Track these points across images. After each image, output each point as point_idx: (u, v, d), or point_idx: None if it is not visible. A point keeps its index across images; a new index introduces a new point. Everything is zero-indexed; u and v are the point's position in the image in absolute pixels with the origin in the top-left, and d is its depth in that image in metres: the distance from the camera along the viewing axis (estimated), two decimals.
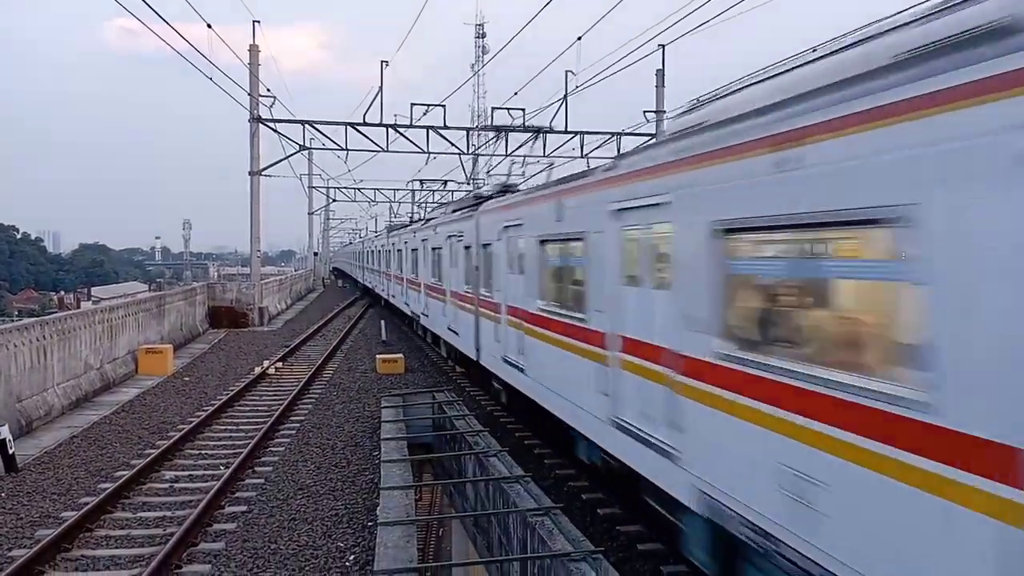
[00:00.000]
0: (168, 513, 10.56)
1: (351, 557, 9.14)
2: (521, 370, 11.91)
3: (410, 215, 60.35)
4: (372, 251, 48.86)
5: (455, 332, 17.95)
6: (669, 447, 6.67)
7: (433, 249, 21.20)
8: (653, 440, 7.00)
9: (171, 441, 13.87)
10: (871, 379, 4.40)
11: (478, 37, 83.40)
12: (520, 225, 11.99)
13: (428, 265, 22.34)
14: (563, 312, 9.92)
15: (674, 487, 6.59)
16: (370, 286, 50.37)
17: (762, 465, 5.29)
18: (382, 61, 31.09)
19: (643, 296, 7.43)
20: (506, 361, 12.87)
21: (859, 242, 4.89)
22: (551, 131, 32.12)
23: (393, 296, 34.24)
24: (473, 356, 15.91)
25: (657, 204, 6.99)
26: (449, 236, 18.51)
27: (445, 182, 46.27)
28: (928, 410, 3.92)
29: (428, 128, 32.04)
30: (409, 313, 28.30)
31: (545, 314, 10.62)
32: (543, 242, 10.90)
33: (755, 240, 5.78)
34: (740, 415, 5.58)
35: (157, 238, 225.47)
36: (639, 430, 7.37)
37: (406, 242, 28.46)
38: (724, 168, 5.84)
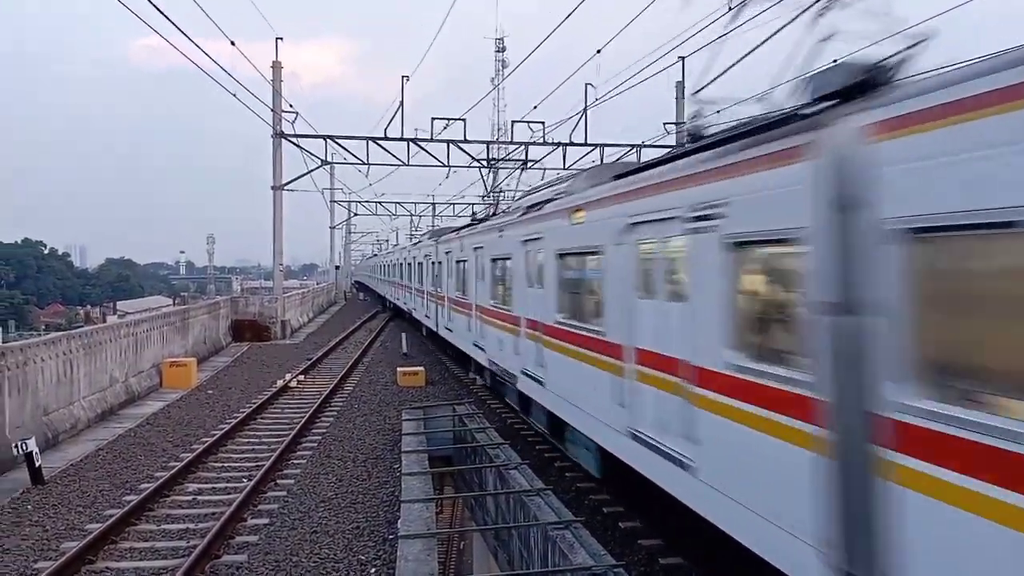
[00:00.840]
0: (191, 525, 10.63)
1: (372, 570, 9.16)
2: None
3: (430, 226, 60.35)
4: (406, 263, 36.90)
5: (662, 452, 7.56)
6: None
7: (562, 256, 11.03)
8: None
9: (195, 454, 13.98)
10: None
11: (498, 51, 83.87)
12: None
13: (549, 288, 11.50)
14: None
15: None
16: (405, 307, 39.06)
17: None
18: (403, 76, 31.37)
19: None
20: None
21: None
22: (571, 144, 32.24)
23: (448, 328, 22.86)
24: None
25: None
26: (635, 224, 8.31)
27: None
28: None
29: (448, 142, 32.23)
30: (486, 363, 16.81)
31: None
32: None
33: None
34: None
35: (182, 252, 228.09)
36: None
37: (478, 248, 17.62)
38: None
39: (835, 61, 5.97)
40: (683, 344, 7.06)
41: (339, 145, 33.14)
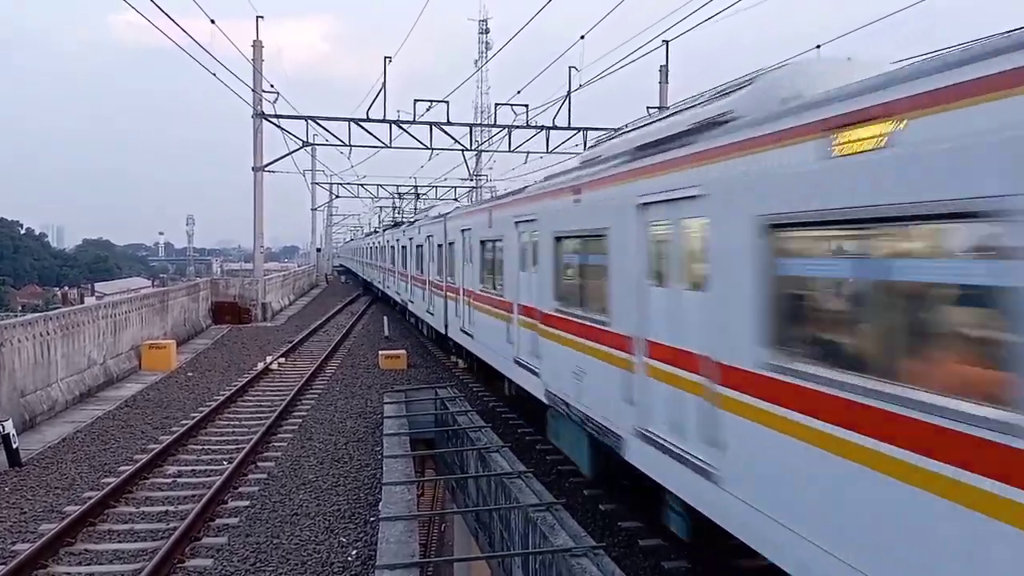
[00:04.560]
0: (171, 508, 10.59)
1: (353, 552, 9.18)
2: None
3: (412, 210, 59.88)
4: (439, 245, 20.89)
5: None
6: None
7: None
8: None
9: (174, 436, 13.91)
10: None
11: (481, 33, 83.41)
12: None
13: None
14: None
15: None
16: (431, 319, 23.24)
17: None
18: (385, 56, 31.04)
19: None
20: None
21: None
22: (554, 127, 32.15)
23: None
24: None
25: None
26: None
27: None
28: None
29: (431, 124, 32.03)
30: None
31: None
32: None
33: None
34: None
35: (160, 233, 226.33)
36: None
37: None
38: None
39: None
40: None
41: (320, 126, 32.85)
